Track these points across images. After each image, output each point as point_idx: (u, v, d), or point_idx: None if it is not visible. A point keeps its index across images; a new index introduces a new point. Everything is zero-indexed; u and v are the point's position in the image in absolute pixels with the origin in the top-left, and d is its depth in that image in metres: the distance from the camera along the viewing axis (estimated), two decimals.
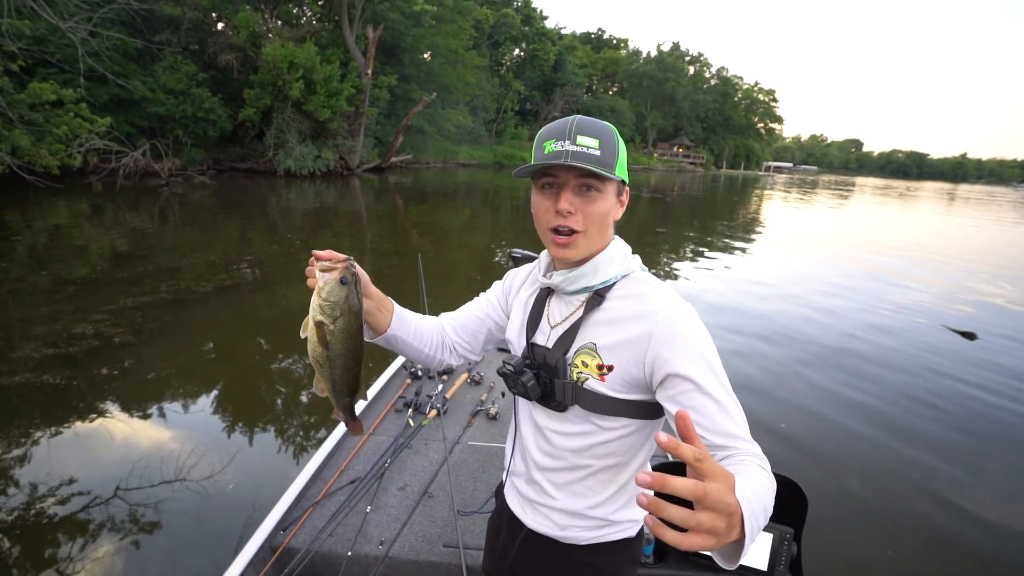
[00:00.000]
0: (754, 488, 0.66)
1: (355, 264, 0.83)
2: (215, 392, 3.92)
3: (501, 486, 1.23)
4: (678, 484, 0.50)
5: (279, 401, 3.85)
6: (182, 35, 20.23)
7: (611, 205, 0.91)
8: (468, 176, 30.04)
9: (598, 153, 0.86)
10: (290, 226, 11.17)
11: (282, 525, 1.89)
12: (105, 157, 15.38)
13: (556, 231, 0.90)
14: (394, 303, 1.07)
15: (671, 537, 0.51)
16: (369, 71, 23.14)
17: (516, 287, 1.13)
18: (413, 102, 27.18)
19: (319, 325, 0.85)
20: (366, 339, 0.99)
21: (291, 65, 19.13)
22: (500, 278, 1.19)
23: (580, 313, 0.95)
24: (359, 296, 0.82)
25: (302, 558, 1.76)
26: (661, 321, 0.86)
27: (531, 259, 1.10)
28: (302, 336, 0.88)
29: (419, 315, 1.14)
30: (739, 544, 0.60)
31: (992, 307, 7.67)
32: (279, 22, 24.92)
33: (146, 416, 3.54)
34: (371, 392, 2.83)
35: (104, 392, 3.76)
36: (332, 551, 1.81)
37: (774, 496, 0.72)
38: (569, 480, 1.00)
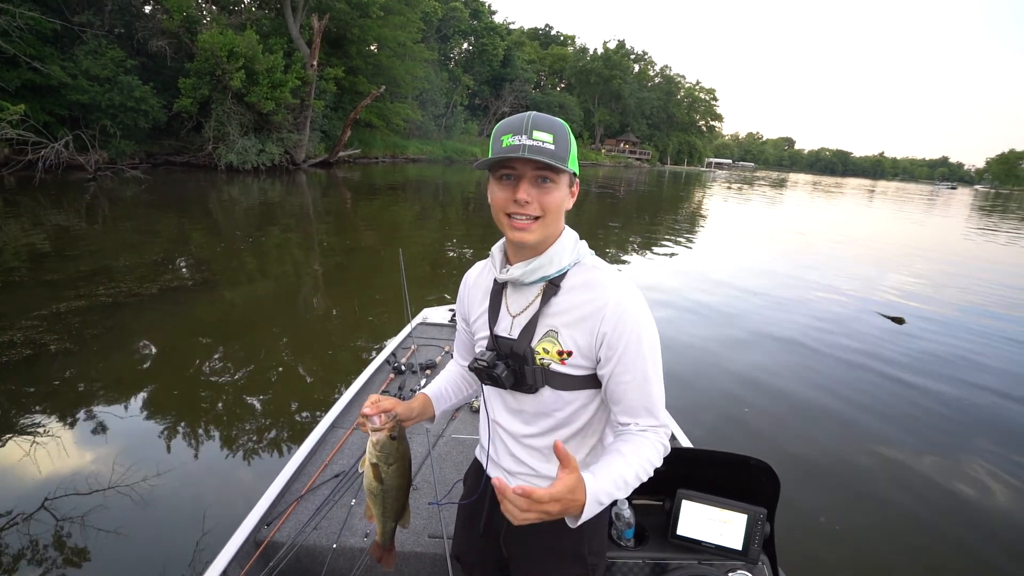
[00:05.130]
0: (612, 476, 0.90)
1: (399, 418, 1.04)
2: (182, 394, 3.74)
3: (471, 471, 1.33)
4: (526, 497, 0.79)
5: (256, 399, 3.74)
6: (106, 17, 18.79)
7: (564, 195, 0.97)
8: (418, 171, 29.60)
9: (552, 147, 0.91)
10: (235, 223, 10.65)
11: (266, 520, 1.89)
12: (20, 148, 14.08)
13: (512, 217, 0.95)
14: (429, 395, 1.25)
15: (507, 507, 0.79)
16: (314, 62, 22.34)
17: (469, 287, 1.18)
18: (361, 95, 26.48)
19: (375, 466, 1.05)
20: (427, 426, 1.33)
21: (231, 54, 18.17)
22: (454, 269, 1.27)
23: (538, 302, 1.01)
24: (406, 445, 1.04)
25: (287, 552, 1.76)
26: (610, 307, 0.96)
27: None
28: (359, 471, 1.06)
29: (445, 376, 1.32)
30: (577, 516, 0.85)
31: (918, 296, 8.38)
32: (215, 7, 23.59)
33: (112, 419, 3.34)
34: (354, 387, 2.81)
35: (50, 401, 3.50)
36: (317, 544, 1.82)
37: (650, 466, 0.95)
38: (547, 450, 1.10)
